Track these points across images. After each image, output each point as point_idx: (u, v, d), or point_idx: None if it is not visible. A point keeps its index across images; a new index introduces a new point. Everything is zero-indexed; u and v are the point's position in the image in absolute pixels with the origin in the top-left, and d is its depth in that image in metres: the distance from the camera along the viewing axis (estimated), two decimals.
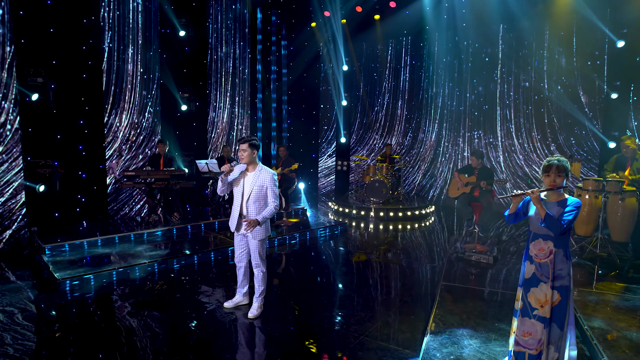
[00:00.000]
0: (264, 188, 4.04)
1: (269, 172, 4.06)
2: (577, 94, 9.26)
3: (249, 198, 4.03)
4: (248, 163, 4.05)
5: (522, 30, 9.83)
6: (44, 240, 5.99)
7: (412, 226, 8.67)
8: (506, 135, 10.18)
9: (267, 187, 4.03)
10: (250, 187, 4.03)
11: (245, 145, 3.98)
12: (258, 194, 4.04)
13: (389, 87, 12.01)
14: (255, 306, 4.25)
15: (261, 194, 4.04)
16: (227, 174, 4.04)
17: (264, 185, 4.03)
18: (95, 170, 7.86)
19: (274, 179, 4.07)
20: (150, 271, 5.48)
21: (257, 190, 4.03)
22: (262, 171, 4.06)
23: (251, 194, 4.02)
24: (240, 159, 4.07)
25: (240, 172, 4.08)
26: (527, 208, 3.06)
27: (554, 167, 2.88)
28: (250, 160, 4.03)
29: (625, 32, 8.44)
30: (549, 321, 2.90)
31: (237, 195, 4.10)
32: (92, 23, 7.73)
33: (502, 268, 5.44)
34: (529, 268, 3.00)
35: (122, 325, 4.03)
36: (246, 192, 4.05)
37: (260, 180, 4.03)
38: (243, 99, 10.30)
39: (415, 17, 10.77)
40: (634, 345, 3.29)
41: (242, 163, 4.07)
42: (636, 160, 5.47)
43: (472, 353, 3.30)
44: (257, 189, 4.03)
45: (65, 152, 7.37)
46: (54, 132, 7.25)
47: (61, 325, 4.00)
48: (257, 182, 4.03)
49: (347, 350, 3.56)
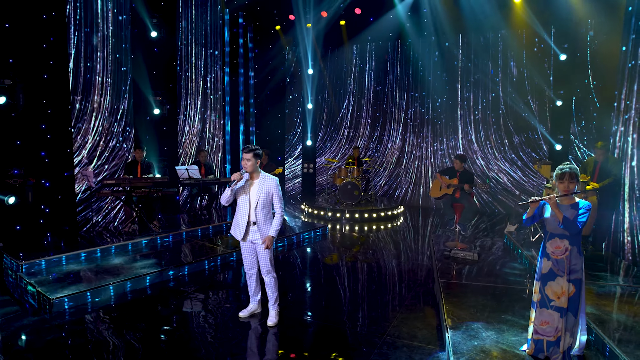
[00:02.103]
0: (270, 194, 4.13)
1: (273, 179, 4.17)
2: (528, 101, 10.19)
3: (256, 205, 4.10)
4: (252, 172, 4.11)
5: (480, 41, 10.62)
6: (17, 257, 5.51)
7: (389, 226, 9.05)
8: (466, 138, 10.93)
9: (272, 193, 4.14)
10: (257, 195, 4.09)
11: (250, 155, 4.04)
12: (265, 200, 4.12)
13: (354, 91, 12.36)
14: (273, 314, 4.30)
15: (267, 200, 4.13)
16: (237, 182, 4.07)
17: (270, 192, 4.12)
18: (59, 178, 7.32)
19: (278, 184, 4.19)
20: (146, 284, 5.27)
21: (264, 197, 4.10)
22: (266, 178, 4.14)
23: (258, 201, 4.09)
24: (244, 168, 4.11)
25: (245, 180, 4.12)
26: (542, 211, 3.44)
27: (567, 174, 3.27)
28: (254, 169, 4.10)
29: (566, 46, 9.47)
30: (565, 311, 3.29)
31: (244, 204, 4.15)
32: (53, 19, 7.19)
33: (487, 263, 5.91)
34: (546, 264, 3.38)
35: (147, 342, 3.89)
36: (253, 200, 4.11)
37: (266, 187, 4.11)
38: (213, 103, 10.09)
39: (379, 24, 11.21)
40: (628, 326, 3.82)
41: (247, 172, 4.11)
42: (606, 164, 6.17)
43: (492, 344, 3.63)
44: (264, 195, 4.10)
45: (27, 159, 6.80)
46: (13, 137, 6.66)
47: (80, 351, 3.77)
48: (263, 190, 4.10)
49: (377, 350, 3.75)
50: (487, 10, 9.49)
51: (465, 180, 6.59)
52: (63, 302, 4.55)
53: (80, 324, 4.26)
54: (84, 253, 5.92)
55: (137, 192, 6.69)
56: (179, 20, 9.06)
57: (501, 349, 3.56)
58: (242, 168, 4.14)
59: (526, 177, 10.21)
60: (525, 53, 10.16)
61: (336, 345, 3.86)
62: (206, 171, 8.30)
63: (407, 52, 11.57)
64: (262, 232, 4.14)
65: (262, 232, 4.14)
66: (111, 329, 4.16)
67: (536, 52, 10.05)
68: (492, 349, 3.54)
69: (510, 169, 10.38)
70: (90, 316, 4.45)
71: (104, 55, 7.66)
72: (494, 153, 10.56)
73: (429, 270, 6.04)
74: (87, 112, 7.50)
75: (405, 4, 10.10)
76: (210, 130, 10.00)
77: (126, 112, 7.98)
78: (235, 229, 4.26)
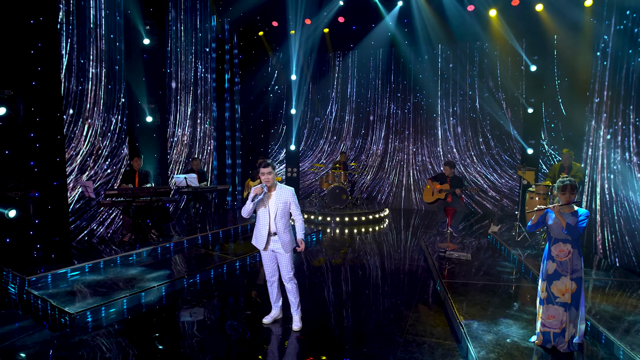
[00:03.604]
0: (288, 204, 4.35)
1: (289, 189, 4.39)
2: (503, 108, 10.90)
3: (275, 216, 4.31)
4: (271, 185, 4.33)
5: (459, 51, 11.23)
6: (21, 271, 5.41)
7: (376, 229, 9.43)
8: (446, 143, 11.52)
9: (290, 203, 4.35)
10: (276, 206, 4.31)
11: (268, 169, 4.25)
12: (283, 210, 4.33)
13: (337, 97, 12.68)
14: (297, 318, 4.51)
15: (285, 210, 4.35)
16: (258, 195, 4.25)
17: (288, 202, 4.34)
18: (49, 187, 7.15)
19: (294, 193, 4.42)
20: (162, 294, 5.34)
21: (282, 208, 4.32)
22: (282, 189, 4.36)
23: (277, 212, 4.30)
24: (265, 182, 4.30)
25: (264, 193, 4.32)
26: (546, 218, 3.88)
27: (568, 186, 3.72)
28: (273, 182, 4.32)
29: (536, 58, 10.24)
30: (569, 305, 3.74)
31: (264, 215, 4.35)
32: (41, 24, 7.01)
33: (480, 263, 6.39)
34: (551, 265, 3.82)
35: (179, 351, 4.00)
36: (272, 211, 4.32)
37: (284, 198, 4.33)
38: (203, 109, 10.09)
39: (363, 33, 11.59)
40: (615, 315, 4.34)
41: (267, 185, 4.31)
42: (572, 167, 6.86)
43: (504, 337, 4.04)
44: (282, 206, 4.32)
45: (15, 169, 6.61)
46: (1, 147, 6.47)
47: None
48: (280, 200, 4.32)
49: (401, 348, 4.06)
50: (466, 22, 10.09)
51: (455, 185, 7.06)
52: (84, 315, 4.56)
53: (107, 337, 4.30)
54: (88, 265, 5.87)
55: (138, 201, 6.67)
56: (168, 27, 9.02)
57: (512, 341, 3.98)
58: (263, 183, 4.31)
59: (502, 180, 10.91)
60: (501, 63, 10.85)
61: (362, 346, 4.14)
62: (200, 179, 8.34)
63: (390, 60, 12.02)
64: (282, 241, 4.35)
65: (282, 241, 4.34)
66: (139, 340, 4.23)
67: (510, 63, 10.76)
68: (505, 342, 3.95)
69: (487, 171, 11.05)
70: (113, 329, 4.48)
71: (97, 63, 7.54)
72: (472, 157, 11.21)
73: (427, 271, 6.44)
74: (79, 121, 7.37)
75: (392, 15, 10.54)
76: (200, 137, 9.99)
77: (120, 120, 7.88)
78: (257, 239, 4.44)
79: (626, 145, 6.19)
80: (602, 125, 6.68)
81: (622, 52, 6.30)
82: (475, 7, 9.90)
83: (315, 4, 10.63)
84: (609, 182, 6.47)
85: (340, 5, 10.55)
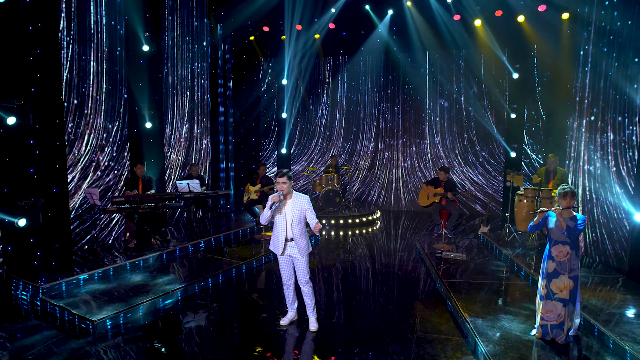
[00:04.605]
0: (304, 211, 4.59)
1: (304, 197, 4.63)
2: (488, 114, 11.43)
3: (292, 222, 4.55)
4: (288, 192, 4.56)
5: (446, 57, 11.69)
6: (34, 280, 5.45)
7: (370, 230, 9.76)
8: (433, 147, 11.98)
9: (306, 210, 4.59)
10: (292, 213, 4.55)
11: (285, 178, 4.49)
12: (299, 217, 4.58)
13: (328, 101, 12.96)
14: (313, 320, 4.77)
15: (301, 216, 4.59)
16: (276, 203, 4.48)
17: (303, 209, 4.58)
18: (49, 194, 7.14)
19: (310, 201, 4.67)
20: (176, 299, 5.48)
21: (298, 214, 4.56)
22: (298, 197, 4.61)
23: (294, 218, 4.55)
24: (280, 190, 4.53)
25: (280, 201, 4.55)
26: (546, 221, 4.27)
27: (569, 193, 4.12)
28: (289, 190, 4.56)
29: (518, 66, 10.80)
30: (567, 301, 4.14)
31: (281, 222, 4.59)
32: (40, 30, 7.00)
33: (475, 262, 6.79)
34: (551, 265, 4.21)
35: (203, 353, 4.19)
36: (289, 218, 4.56)
37: (299, 205, 4.57)
38: (200, 114, 10.17)
39: (352, 38, 11.90)
40: (602, 308, 4.78)
41: (284, 193, 4.54)
42: (556, 172, 7.36)
43: (507, 331, 4.41)
44: (298, 213, 4.56)
45: (15, 176, 6.60)
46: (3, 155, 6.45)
47: None
48: (297, 207, 4.56)
49: (414, 345, 4.37)
50: (454, 30, 10.55)
51: (449, 188, 7.46)
52: (105, 322, 4.67)
53: (132, 342, 4.43)
54: (98, 272, 5.94)
55: (142, 208, 6.76)
56: (164, 32, 9.08)
57: (515, 334, 4.35)
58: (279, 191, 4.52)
59: (488, 182, 11.44)
60: (485, 70, 11.37)
61: (379, 343, 4.43)
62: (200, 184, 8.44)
63: (379, 66, 12.39)
64: (298, 246, 4.58)
65: (299, 246, 4.58)
66: (162, 343, 4.39)
67: (494, 70, 11.30)
68: (509, 335, 4.32)
69: (473, 174, 11.56)
70: (137, 334, 4.62)
71: (98, 70, 7.57)
72: (458, 160, 11.69)
73: (425, 271, 6.80)
74: (80, 127, 7.38)
75: (384, 23, 10.89)
76: (197, 142, 10.08)
77: (120, 127, 7.92)
78: (275, 244, 4.67)
79: (605, 150, 6.70)
80: (583, 131, 7.20)
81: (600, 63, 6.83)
82: (462, 17, 10.37)
83: (308, 11, 10.87)
84: (590, 184, 6.99)
85: (332, 13, 10.83)
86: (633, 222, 5.89)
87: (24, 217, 5.59)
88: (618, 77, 6.43)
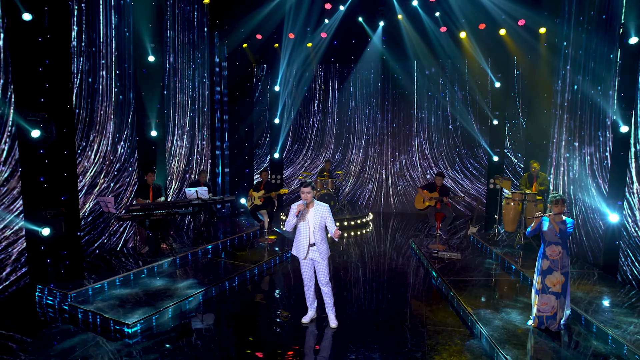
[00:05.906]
0: (324, 218, 5.04)
1: (325, 206, 5.09)
2: (472, 120, 12.14)
3: (314, 229, 5.00)
4: (311, 201, 5.01)
5: (433, 66, 12.33)
6: (62, 287, 5.66)
7: (364, 232, 10.27)
8: (421, 152, 12.61)
9: (327, 217, 5.04)
10: (314, 220, 5.00)
11: (309, 188, 4.94)
12: (320, 224, 5.03)
13: (319, 108, 13.41)
14: (332, 317, 5.21)
15: (322, 223, 5.04)
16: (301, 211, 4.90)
17: (324, 216, 5.04)
18: (57, 203, 7.30)
19: (329, 209, 5.12)
20: (200, 300, 5.82)
21: (319, 221, 5.02)
22: (319, 206, 5.06)
23: (316, 225, 5.00)
24: (304, 199, 4.96)
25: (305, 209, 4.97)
26: (541, 226, 4.86)
27: (560, 200, 4.72)
28: (312, 199, 5.01)
29: (500, 76, 11.55)
30: (559, 294, 4.74)
31: (304, 228, 5.02)
32: (48, 42, 7.15)
33: (469, 261, 7.38)
34: (545, 263, 4.80)
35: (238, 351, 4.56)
36: (311, 224, 5.00)
37: (321, 213, 5.03)
38: (200, 121, 10.42)
39: (342, 47, 12.38)
40: (584, 299, 5.43)
41: (307, 202, 4.98)
42: (538, 177, 8.06)
43: (507, 322, 4.98)
44: (320, 220, 5.02)
45: (25, 186, 6.76)
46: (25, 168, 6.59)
47: None
48: (318, 215, 5.02)
49: (427, 336, 4.88)
50: (441, 41, 11.19)
51: (444, 193, 8.05)
52: (137, 325, 4.97)
53: (169, 342, 4.75)
54: (119, 278, 6.19)
55: (154, 215, 7.02)
56: (165, 40, 9.29)
57: (514, 324, 4.93)
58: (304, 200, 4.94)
59: (473, 185, 12.15)
60: (470, 79, 12.09)
61: (394, 336, 4.91)
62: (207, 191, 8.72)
63: (370, 74, 12.93)
64: (320, 251, 5.03)
65: (320, 250, 5.03)
66: (194, 342, 4.74)
67: (478, 79, 12.02)
68: (509, 325, 4.90)
69: (458, 177, 12.26)
70: (169, 335, 4.94)
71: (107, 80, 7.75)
72: (444, 163, 12.37)
73: (424, 270, 7.34)
74: (89, 136, 7.55)
75: (377, 34, 11.42)
76: (198, 149, 10.32)
77: (129, 135, 8.12)
78: (298, 249, 5.09)
79: (582, 157, 7.42)
80: (562, 139, 7.92)
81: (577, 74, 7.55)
82: (448, 29, 11.01)
83: (302, 20, 11.27)
84: (568, 188, 7.71)
85: (326, 23, 11.28)
86: (607, 222, 6.60)
87: (48, 227, 5.78)
88: (590, 89, 7.14)
